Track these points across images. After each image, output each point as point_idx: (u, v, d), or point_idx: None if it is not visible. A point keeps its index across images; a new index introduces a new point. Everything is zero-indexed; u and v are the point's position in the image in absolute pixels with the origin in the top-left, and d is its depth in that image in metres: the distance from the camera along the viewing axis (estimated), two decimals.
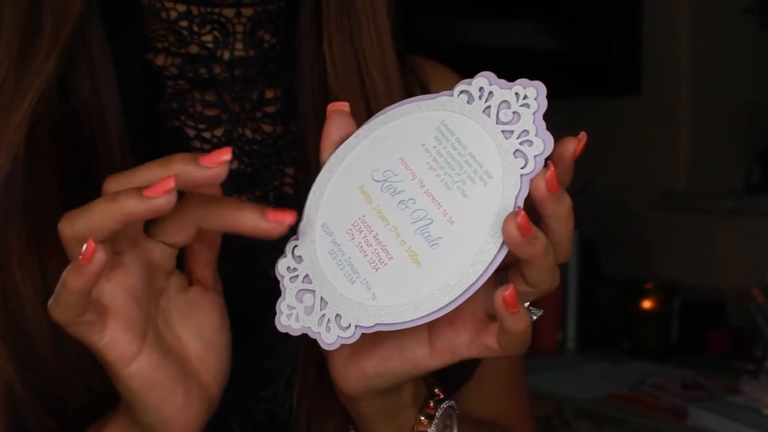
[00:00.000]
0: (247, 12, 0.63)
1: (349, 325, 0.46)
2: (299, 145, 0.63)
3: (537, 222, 0.44)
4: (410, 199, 0.46)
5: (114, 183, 0.46)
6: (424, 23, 2.14)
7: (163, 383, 0.47)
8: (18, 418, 0.57)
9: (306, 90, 0.63)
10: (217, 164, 0.44)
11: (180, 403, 0.48)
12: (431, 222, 0.45)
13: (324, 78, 0.62)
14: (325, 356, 0.51)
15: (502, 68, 0.49)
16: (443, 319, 0.47)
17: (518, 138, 0.45)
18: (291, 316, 0.48)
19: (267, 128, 0.64)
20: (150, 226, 0.48)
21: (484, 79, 0.46)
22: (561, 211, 0.44)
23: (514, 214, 0.43)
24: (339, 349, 0.49)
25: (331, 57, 0.61)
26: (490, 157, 0.45)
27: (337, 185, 0.48)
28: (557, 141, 0.45)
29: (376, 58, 0.62)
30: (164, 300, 0.50)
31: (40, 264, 0.56)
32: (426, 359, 0.48)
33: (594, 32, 2.34)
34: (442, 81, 0.70)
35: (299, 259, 0.48)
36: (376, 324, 0.45)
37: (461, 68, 0.63)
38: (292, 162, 0.64)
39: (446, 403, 0.56)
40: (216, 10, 0.62)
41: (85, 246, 0.43)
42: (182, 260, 0.51)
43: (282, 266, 0.48)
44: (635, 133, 2.31)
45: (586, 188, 2.15)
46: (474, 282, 0.44)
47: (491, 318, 0.47)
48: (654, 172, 2.27)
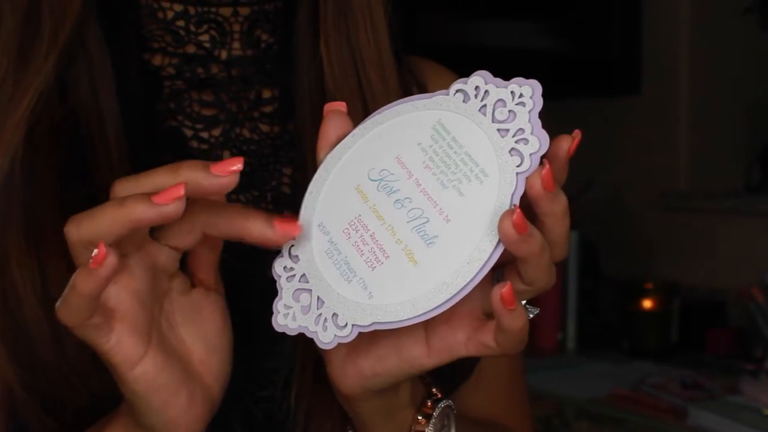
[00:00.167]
0: (244, 11, 0.63)
1: (346, 324, 0.46)
2: (296, 145, 0.63)
3: (533, 220, 0.44)
4: (406, 198, 0.46)
5: (122, 187, 0.46)
6: (424, 23, 2.14)
7: (167, 385, 0.47)
8: (18, 419, 0.57)
9: (303, 90, 0.63)
10: (228, 173, 0.44)
11: (183, 405, 0.48)
12: (427, 221, 0.45)
13: (321, 78, 0.62)
14: (322, 356, 0.51)
15: (502, 68, 0.49)
16: (440, 318, 0.47)
17: (514, 136, 0.45)
18: (288, 316, 0.48)
19: (264, 128, 0.64)
20: (155, 230, 0.48)
21: (480, 78, 0.46)
22: (557, 209, 0.44)
23: (510, 212, 0.43)
24: (336, 349, 0.49)
25: (328, 57, 0.61)
26: (486, 156, 0.45)
27: (334, 185, 0.48)
28: (554, 140, 0.45)
29: (373, 58, 0.62)
30: (168, 302, 0.50)
31: (39, 264, 0.56)
32: (423, 358, 0.48)
33: (594, 32, 2.34)
34: (440, 81, 0.70)
35: (296, 259, 0.48)
36: (373, 323, 0.45)
37: (461, 68, 0.63)
38: (290, 162, 0.64)
39: (444, 403, 0.55)
40: (213, 10, 0.62)
41: (97, 250, 0.43)
42: (182, 262, 0.51)
43: (279, 266, 0.48)
44: (635, 133, 2.31)
45: (586, 188, 2.15)
46: (470, 280, 0.44)
47: (488, 316, 0.47)
48: (654, 172, 2.27)
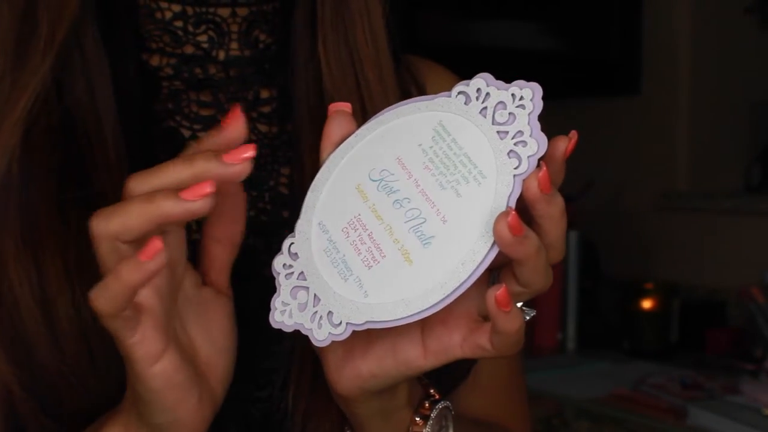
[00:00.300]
0: (242, 12, 0.63)
1: (341, 322, 0.46)
2: (294, 145, 0.63)
3: (530, 222, 0.44)
4: (405, 199, 0.46)
5: (139, 183, 0.45)
6: (424, 23, 2.14)
7: (182, 384, 0.48)
8: (16, 419, 0.57)
9: (301, 90, 0.63)
10: (241, 161, 0.45)
11: (193, 405, 0.49)
12: (424, 221, 0.45)
13: (319, 78, 0.62)
14: (319, 357, 0.51)
15: (502, 68, 0.49)
16: (436, 319, 0.47)
17: (513, 138, 0.45)
18: (285, 313, 0.48)
19: (263, 128, 0.64)
20: None
21: (482, 80, 0.46)
22: (553, 212, 0.44)
23: (505, 214, 0.43)
24: (332, 350, 0.49)
25: (326, 57, 0.61)
26: (485, 158, 0.45)
27: (335, 184, 0.48)
28: (550, 141, 0.45)
29: (371, 58, 0.61)
30: (181, 297, 0.50)
31: (36, 265, 0.55)
32: (419, 359, 0.48)
33: (594, 32, 2.34)
34: (439, 80, 0.70)
35: (295, 257, 0.48)
36: (367, 321, 0.46)
37: (461, 68, 0.63)
38: (288, 162, 0.64)
39: (442, 404, 0.56)
40: (211, 11, 0.62)
41: (149, 243, 0.43)
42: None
43: (278, 263, 0.49)
44: (635, 133, 2.31)
45: (586, 188, 2.15)
46: (464, 281, 0.44)
47: (485, 318, 0.47)
48: (654, 172, 2.27)
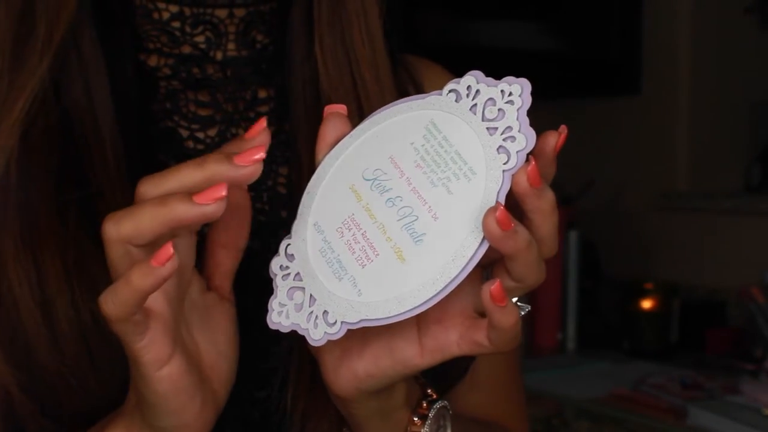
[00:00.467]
0: (240, 13, 0.63)
1: (336, 322, 0.46)
2: (292, 145, 0.63)
3: (521, 218, 0.44)
4: (397, 197, 0.46)
5: (150, 186, 0.45)
6: (423, 23, 2.14)
7: (187, 389, 0.48)
8: (15, 421, 0.57)
9: (298, 90, 0.63)
10: (252, 163, 0.45)
11: (197, 409, 0.49)
12: (416, 219, 0.46)
13: (316, 78, 0.62)
14: (316, 357, 0.51)
15: (502, 68, 0.49)
16: (432, 318, 0.47)
17: (502, 134, 0.45)
18: (282, 314, 0.48)
19: None
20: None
21: (472, 78, 0.47)
22: (543, 206, 0.44)
23: (493, 209, 0.43)
24: (329, 350, 0.49)
25: (323, 57, 0.61)
26: (475, 154, 0.45)
27: (330, 185, 0.49)
28: (540, 136, 0.45)
29: (368, 58, 0.62)
30: (187, 302, 0.50)
31: (35, 266, 0.56)
32: (416, 358, 0.48)
33: (594, 32, 2.34)
34: (436, 80, 0.70)
35: (291, 258, 0.49)
36: (361, 320, 0.46)
37: (460, 68, 0.62)
38: (285, 161, 0.64)
39: (439, 404, 0.55)
40: (208, 11, 0.63)
41: (162, 249, 0.43)
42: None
43: (275, 264, 0.49)
44: (635, 133, 2.31)
45: (586, 188, 2.15)
46: (455, 277, 0.44)
47: (481, 315, 0.47)
48: (654, 172, 2.26)
